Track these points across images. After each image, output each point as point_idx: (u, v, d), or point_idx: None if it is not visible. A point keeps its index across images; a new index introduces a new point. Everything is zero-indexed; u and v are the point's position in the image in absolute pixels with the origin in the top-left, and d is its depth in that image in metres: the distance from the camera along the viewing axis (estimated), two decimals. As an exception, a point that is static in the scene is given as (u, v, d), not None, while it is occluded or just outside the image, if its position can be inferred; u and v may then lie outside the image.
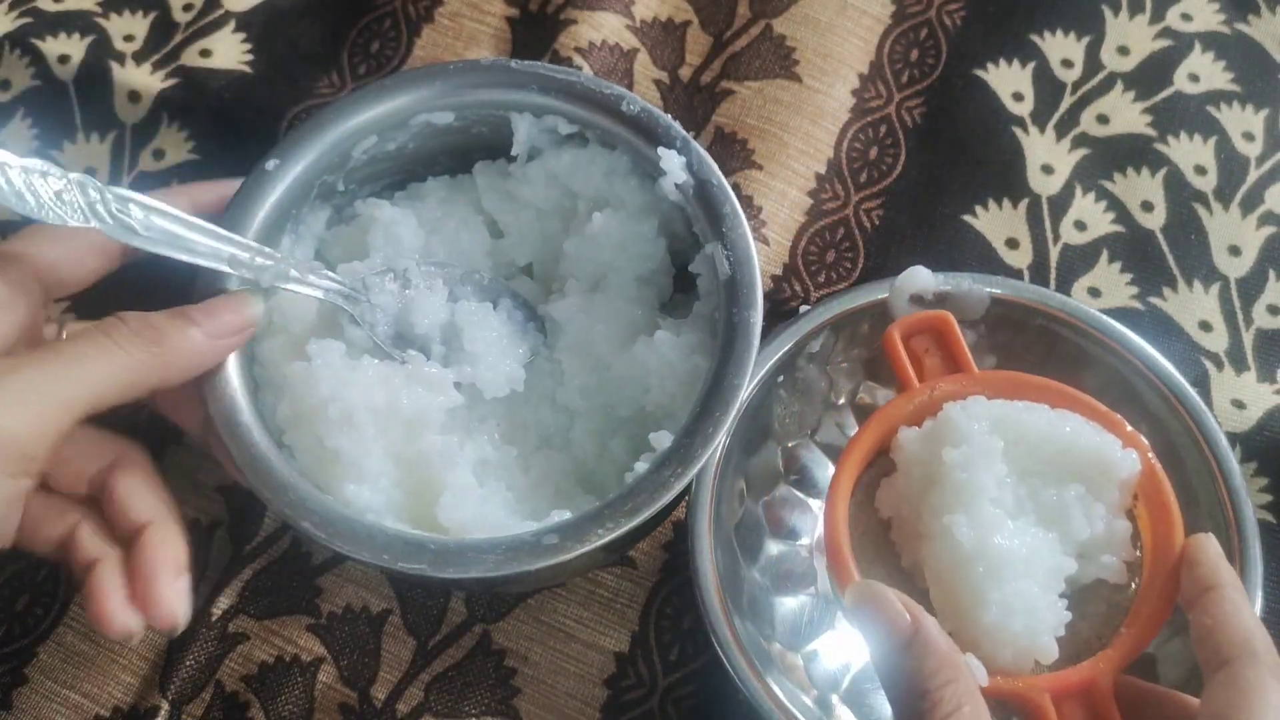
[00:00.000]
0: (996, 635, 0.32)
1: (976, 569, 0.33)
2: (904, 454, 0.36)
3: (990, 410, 0.35)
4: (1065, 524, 0.34)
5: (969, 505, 0.34)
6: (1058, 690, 0.32)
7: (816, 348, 0.42)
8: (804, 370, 0.42)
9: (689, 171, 0.40)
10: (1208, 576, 0.32)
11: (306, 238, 0.43)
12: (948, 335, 0.38)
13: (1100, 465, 0.35)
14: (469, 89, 0.41)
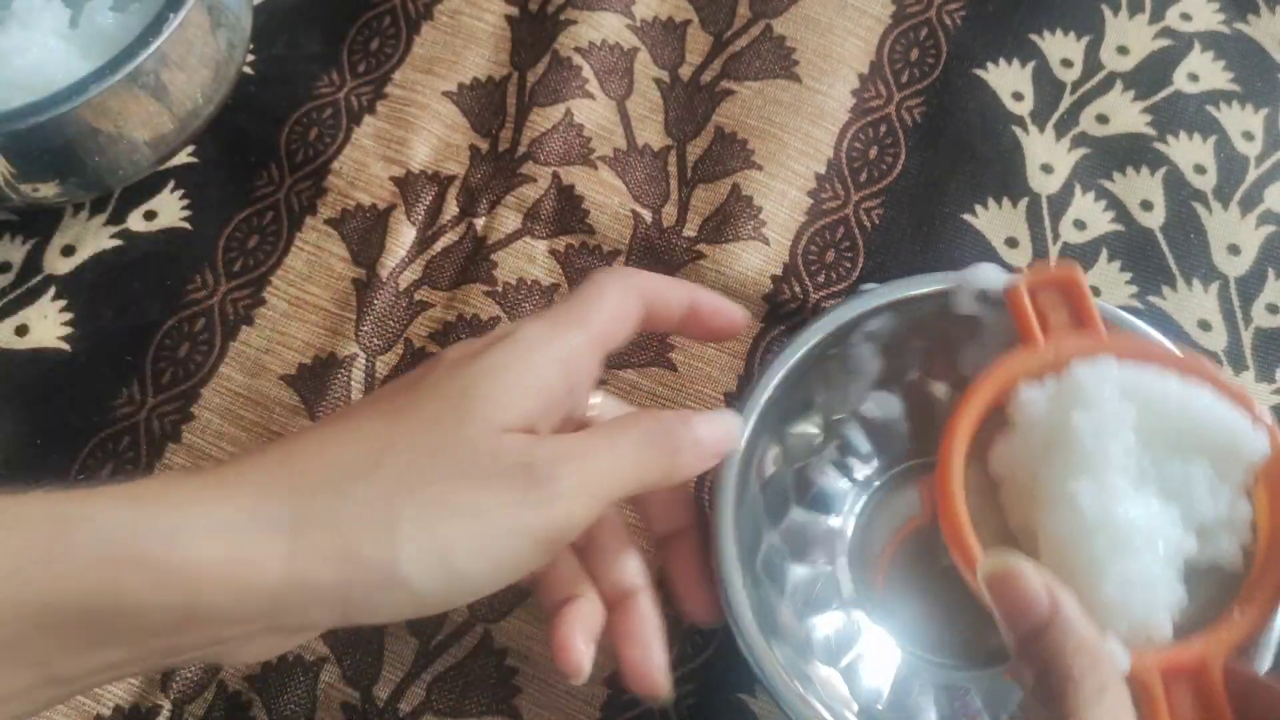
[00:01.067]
0: (1113, 610, 0.31)
1: (1098, 539, 0.31)
2: (1025, 413, 0.34)
3: (1120, 374, 0.34)
4: (1188, 500, 0.33)
5: (1096, 473, 0.32)
6: (1168, 669, 0.31)
7: (874, 327, 0.40)
8: (858, 348, 0.41)
9: None
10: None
11: None
12: (1076, 293, 0.36)
13: (1229, 443, 0.33)
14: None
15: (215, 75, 0.48)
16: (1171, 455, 0.33)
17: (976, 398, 0.35)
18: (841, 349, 0.41)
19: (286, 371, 0.47)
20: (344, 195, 0.50)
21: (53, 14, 0.46)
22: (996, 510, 0.35)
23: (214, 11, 0.46)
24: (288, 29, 0.54)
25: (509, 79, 0.53)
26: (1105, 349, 0.35)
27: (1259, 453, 0.33)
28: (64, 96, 0.41)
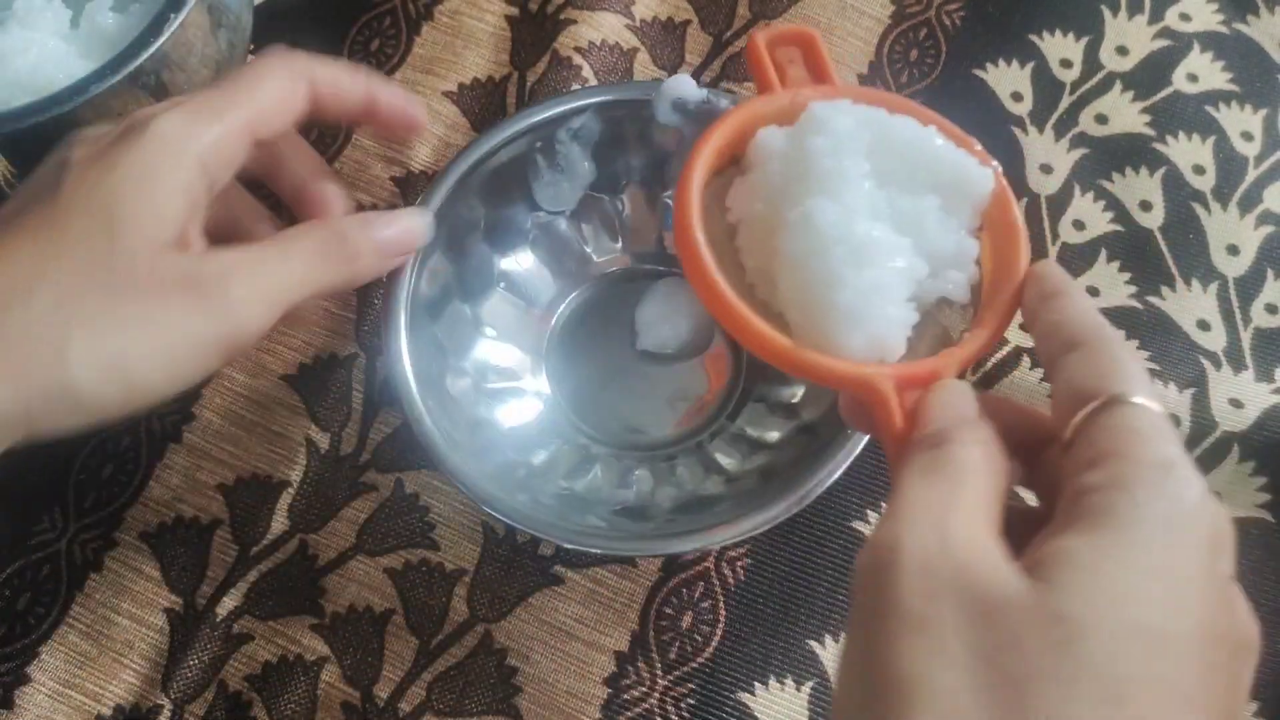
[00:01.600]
0: (850, 318, 0.31)
1: (836, 252, 0.31)
2: (763, 150, 0.35)
3: (857, 111, 0.34)
4: (920, 233, 0.33)
5: (834, 193, 0.32)
6: (902, 379, 0.31)
7: (578, 125, 0.44)
8: (565, 146, 0.44)
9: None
10: (1054, 285, 0.31)
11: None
12: (813, 49, 0.37)
13: (958, 181, 0.34)
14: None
15: (216, 76, 0.48)
16: (904, 191, 0.34)
17: (710, 142, 0.35)
18: (547, 144, 0.44)
19: (287, 371, 0.47)
20: (344, 195, 0.51)
21: (53, 14, 0.46)
22: (735, 260, 0.35)
23: (214, 12, 0.46)
24: (288, 29, 0.54)
25: (509, 79, 0.53)
26: (842, 94, 0.36)
27: (984, 188, 0.34)
28: (64, 97, 0.41)
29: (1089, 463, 0.26)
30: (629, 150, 0.46)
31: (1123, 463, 0.25)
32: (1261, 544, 0.45)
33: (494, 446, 0.42)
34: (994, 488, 0.27)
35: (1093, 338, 0.28)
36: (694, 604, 0.44)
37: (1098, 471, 0.25)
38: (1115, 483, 0.25)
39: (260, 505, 0.45)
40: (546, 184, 0.45)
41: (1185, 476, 0.25)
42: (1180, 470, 0.25)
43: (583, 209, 0.47)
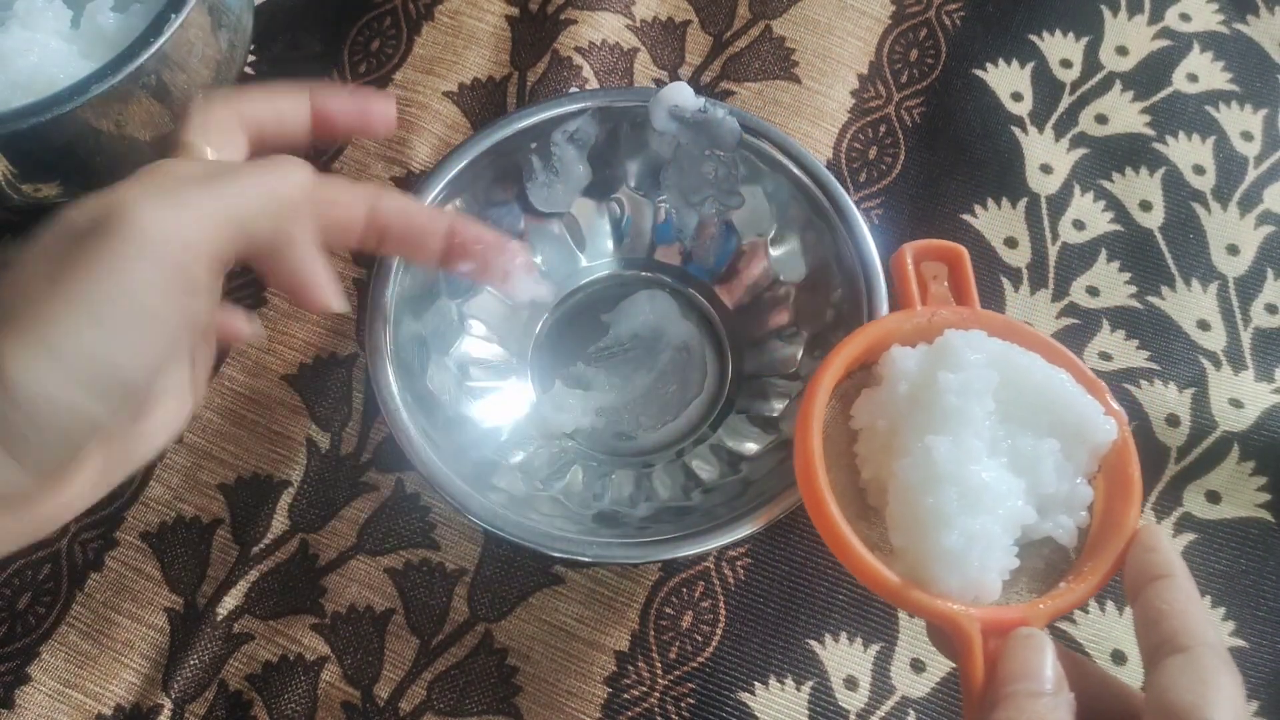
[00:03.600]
0: (950, 561, 0.32)
1: (948, 491, 0.32)
2: (895, 368, 0.36)
3: (989, 345, 0.35)
4: (1035, 475, 0.34)
5: (956, 430, 0.33)
6: (989, 623, 0.32)
7: (574, 128, 0.44)
8: (561, 148, 0.44)
9: None
10: (1162, 565, 0.32)
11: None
12: (959, 267, 0.38)
13: (1080, 426, 0.35)
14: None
15: (216, 76, 0.48)
16: (1025, 430, 0.35)
17: (844, 351, 0.36)
18: (543, 145, 0.44)
19: (287, 371, 0.47)
20: (344, 195, 0.51)
21: (54, 14, 0.46)
22: (850, 463, 0.36)
23: (215, 12, 0.46)
24: (289, 29, 0.54)
25: (509, 79, 0.53)
26: (978, 322, 0.37)
27: (1105, 438, 0.35)
28: (65, 97, 0.41)
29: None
30: (624, 155, 0.46)
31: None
32: (1261, 544, 0.45)
33: (472, 444, 0.43)
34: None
35: (1195, 644, 0.29)
36: (694, 604, 0.44)
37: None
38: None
39: (261, 505, 0.45)
40: (541, 185, 0.45)
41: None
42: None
43: (576, 212, 0.47)
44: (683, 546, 0.38)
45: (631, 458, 0.45)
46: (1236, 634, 0.43)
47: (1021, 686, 0.30)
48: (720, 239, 0.47)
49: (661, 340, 0.46)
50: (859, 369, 0.37)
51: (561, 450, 0.44)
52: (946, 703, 0.43)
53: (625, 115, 0.44)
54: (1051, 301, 0.49)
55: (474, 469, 0.41)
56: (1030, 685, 0.30)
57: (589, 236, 0.48)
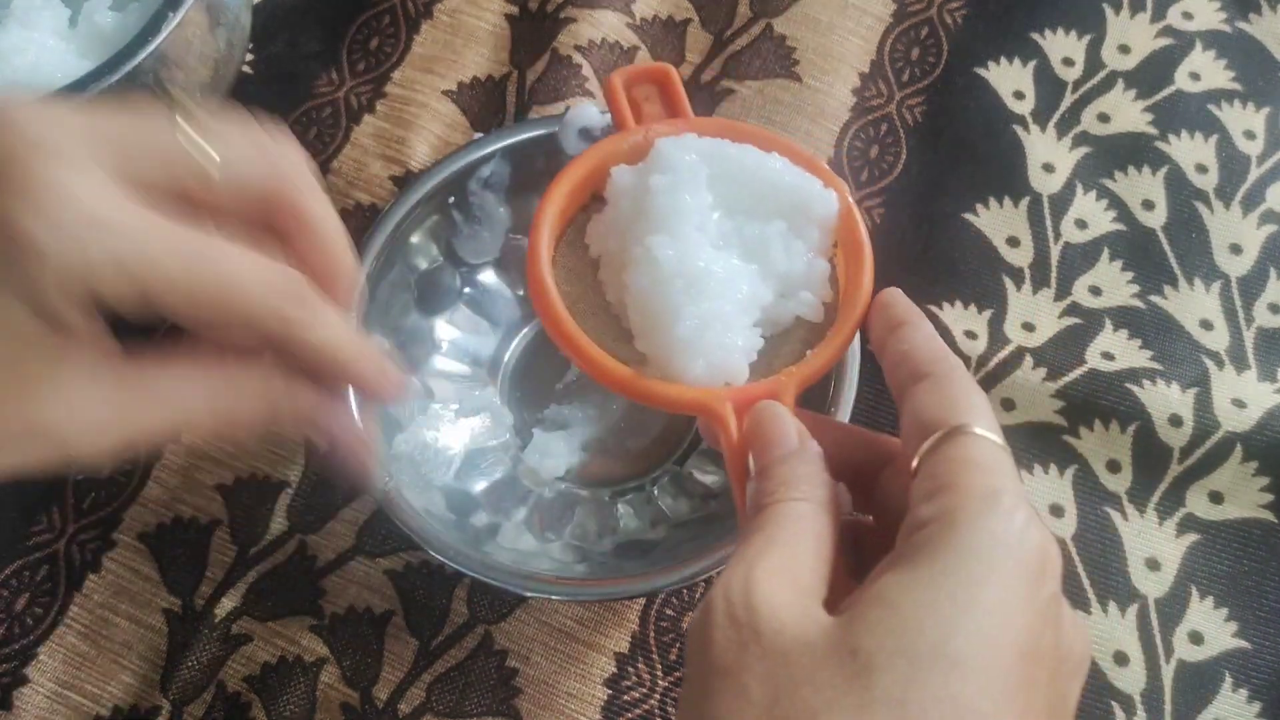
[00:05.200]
0: (689, 348, 0.33)
1: (675, 285, 0.33)
2: (615, 188, 0.36)
3: (700, 145, 0.36)
4: (766, 259, 0.35)
5: (673, 228, 0.34)
6: (739, 400, 0.32)
7: (488, 173, 0.43)
8: (478, 195, 0.44)
9: None
10: (901, 314, 0.32)
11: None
12: (669, 84, 0.38)
13: (802, 204, 0.35)
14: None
15: (214, 74, 0.48)
16: (751, 219, 0.35)
17: (566, 180, 0.37)
18: (460, 196, 0.43)
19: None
20: (343, 195, 0.50)
21: (51, 13, 0.46)
22: (599, 290, 0.36)
23: (213, 10, 0.46)
24: (287, 28, 0.54)
25: (509, 78, 0.53)
26: (691, 128, 0.37)
27: (828, 209, 0.35)
28: (62, 96, 0.41)
29: (925, 495, 0.27)
30: (543, 187, 0.45)
31: (952, 495, 0.26)
32: (1264, 544, 0.45)
33: (466, 511, 0.42)
34: (811, 535, 0.28)
35: (938, 369, 0.30)
36: (694, 604, 0.44)
37: (930, 505, 0.26)
38: (942, 516, 0.26)
39: (259, 505, 0.45)
40: (466, 237, 0.44)
41: (1009, 506, 0.26)
42: (1005, 499, 0.26)
43: (507, 255, 0.46)
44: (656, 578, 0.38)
45: (597, 488, 0.44)
46: (1239, 635, 0.43)
47: (770, 456, 0.30)
48: None
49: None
50: (591, 201, 0.38)
51: (558, 495, 0.44)
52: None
53: (537, 147, 0.44)
54: (1054, 301, 0.49)
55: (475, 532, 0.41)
56: (776, 451, 0.30)
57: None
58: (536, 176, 0.44)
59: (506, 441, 0.44)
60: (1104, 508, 0.45)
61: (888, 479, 0.32)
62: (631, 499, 0.44)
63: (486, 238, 0.45)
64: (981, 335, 0.48)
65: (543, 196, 0.36)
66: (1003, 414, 0.47)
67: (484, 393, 0.45)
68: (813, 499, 0.29)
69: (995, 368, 0.47)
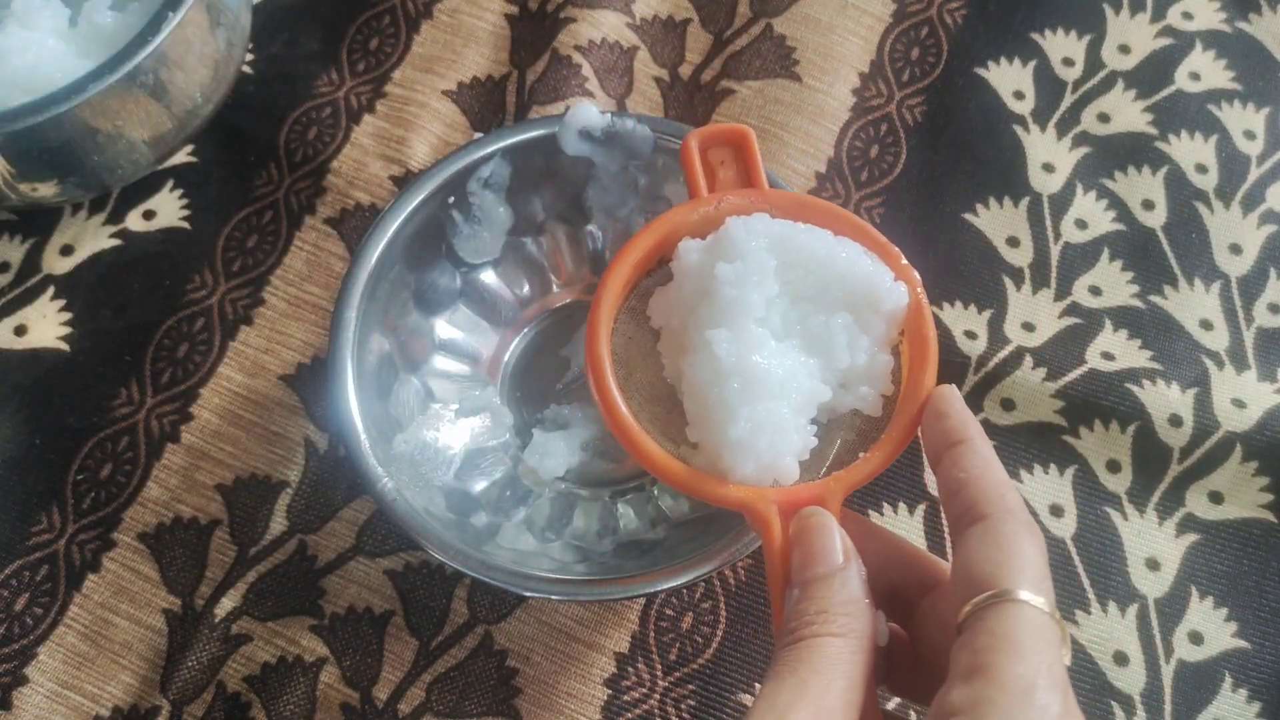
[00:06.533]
0: (741, 449, 0.32)
1: (731, 384, 0.33)
2: (682, 264, 0.35)
3: (771, 228, 0.35)
4: (829, 352, 0.34)
5: (733, 322, 0.33)
6: (785, 503, 0.32)
7: (488, 173, 0.43)
8: (478, 195, 0.43)
9: None
10: (957, 430, 0.31)
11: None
12: (746, 149, 0.38)
13: (870, 296, 0.34)
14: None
15: (214, 74, 0.48)
16: (817, 308, 0.35)
17: (635, 249, 0.36)
18: (460, 196, 0.43)
19: (286, 371, 0.47)
20: (343, 194, 0.50)
21: (52, 13, 0.46)
22: (654, 361, 0.36)
23: (213, 11, 0.46)
24: (287, 28, 0.54)
25: (509, 77, 0.53)
26: (764, 203, 0.36)
27: (896, 303, 0.34)
28: (62, 96, 0.41)
29: (963, 674, 0.27)
30: (542, 188, 0.45)
31: (987, 685, 0.26)
32: (1264, 544, 0.45)
33: (467, 510, 0.42)
34: (845, 680, 0.28)
35: (996, 510, 0.29)
36: (694, 605, 0.44)
37: (964, 689, 0.26)
38: (974, 709, 0.26)
39: (259, 506, 0.45)
40: (466, 237, 0.44)
41: (1042, 704, 0.26)
42: (1039, 695, 0.26)
43: (507, 255, 0.46)
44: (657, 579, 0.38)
45: (629, 481, 0.44)
46: (1239, 635, 0.43)
47: (811, 572, 0.30)
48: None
49: None
50: (658, 266, 0.37)
51: (558, 495, 0.44)
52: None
53: (536, 148, 0.44)
54: (1054, 301, 0.49)
55: (475, 533, 0.41)
56: (820, 568, 0.30)
57: (526, 275, 0.47)
58: (536, 176, 0.45)
59: (506, 441, 0.44)
60: (1104, 508, 0.45)
61: (929, 608, 0.31)
62: (631, 499, 0.44)
63: (486, 238, 0.45)
64: (981, 335, 0.48)
65: (609, 267, 0.36)
66: (1002, 414, 0.47)
67: (484, 393, 0.45)
68: (850, 633, 0.28)
69: (995, 368, 0.47)
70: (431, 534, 0.38)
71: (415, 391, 0.43)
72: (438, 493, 0.41)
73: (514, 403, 0.46)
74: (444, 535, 0.38)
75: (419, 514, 0.38)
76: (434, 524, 0.38)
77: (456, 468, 0.43)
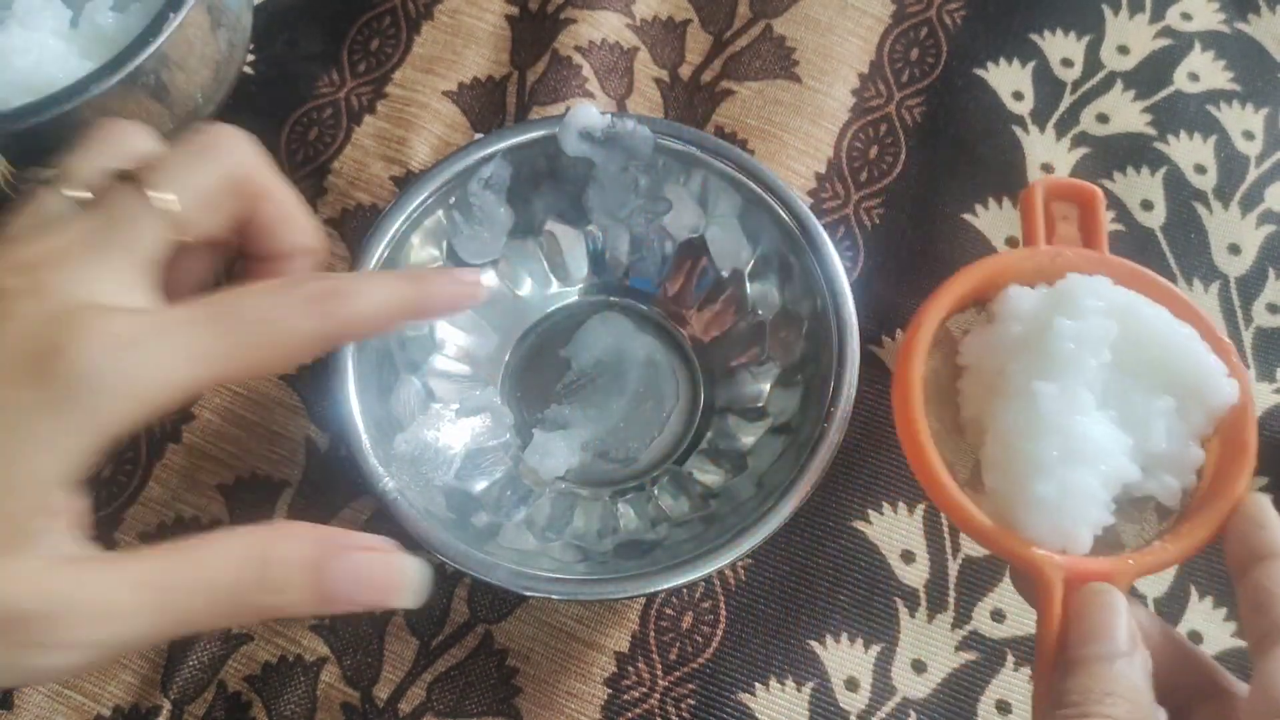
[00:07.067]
0: (1042, 510, 0.32)
1: (1049, 441, 0.32)
2: (1010, 306, 0.35)
3: (1115, 295, 0.34)
4: (1144, 432, 0.33)
5: (1066, 378, 0.32)
6: (1074, 574, 0.31)
7: (488, 174, 0.43)
8: (478, 196, 0.43)
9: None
10: (1271, 543, 0.30)
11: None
12: (1091, 210, 0.37)
13: (1198, 386, 0.33)
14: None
15: (215, 75, 0.48)
16: (1141, 385, 0.34)
17: (957, 284, 0.36)
18: (461, 196, 0.43)
19: (286, 371, 0.47)
20: (344, 195, 0.50)
21: (53, 14, 0.46)
22: (953, 399, 0.35)
23: (214, 11, 0.46)
24: (288, 29, 0.54)
25: (509, 78, 0.53)
26: (1105, 268, 0.35)
27: (1224, 401, 0.34)
28: (64, 97, 0.41)
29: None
30: (542, 188, 0.45)
31: None
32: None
33: (467, 509, 0.42)
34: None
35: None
36: (694, 604, 0.44)
37: None
38: None
39: (260, 505, 0.45)
40: (467, 238, 0.44)
41: None
42: None
43: (507, 255, 0.46)
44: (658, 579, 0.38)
45: (599, 487, 0.44)
46: (1239, 635, 0.43)
47: (1093, 649, 0.28)
48: (658, 249, 0.47)
49: (625, 360, 0.46)
50: (972, 305, 0.36)
51: (559, 494, 0.44)
52: (948, 704, 0.43)
53: (537, 149, 0.44)
54: (1053, 301, 0.49)
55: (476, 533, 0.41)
56: (1102, 647, 0.29)
57: (527, 275, 0.47)
58: (537, 177, 0.45)
59: (506, 441, 0.44)
60: (1103, 507, 0.45)
61: (1209, 717, 0.30)
62: (632, 499, 0.44)
63: (487, 238, 0.45)
64: (981, 335, 0.48)
65: (930, 298, 0.35)
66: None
67: (484, 393, 0.45)
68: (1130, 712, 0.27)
69: (995, 368, 0.47)
70: (432, 534, 0.38)
71: (415, 391, 0.43)
72: (438, 493, 0.41)
73: (514, 403, 0.46)
74: (444, 535, 0.38)
75: (419, 514, 0.38)
76: (434, 524, 0.38)
77: (457, 468, 0.43)
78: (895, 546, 0.45)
